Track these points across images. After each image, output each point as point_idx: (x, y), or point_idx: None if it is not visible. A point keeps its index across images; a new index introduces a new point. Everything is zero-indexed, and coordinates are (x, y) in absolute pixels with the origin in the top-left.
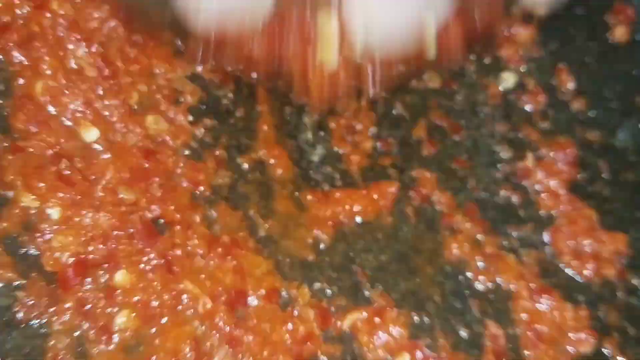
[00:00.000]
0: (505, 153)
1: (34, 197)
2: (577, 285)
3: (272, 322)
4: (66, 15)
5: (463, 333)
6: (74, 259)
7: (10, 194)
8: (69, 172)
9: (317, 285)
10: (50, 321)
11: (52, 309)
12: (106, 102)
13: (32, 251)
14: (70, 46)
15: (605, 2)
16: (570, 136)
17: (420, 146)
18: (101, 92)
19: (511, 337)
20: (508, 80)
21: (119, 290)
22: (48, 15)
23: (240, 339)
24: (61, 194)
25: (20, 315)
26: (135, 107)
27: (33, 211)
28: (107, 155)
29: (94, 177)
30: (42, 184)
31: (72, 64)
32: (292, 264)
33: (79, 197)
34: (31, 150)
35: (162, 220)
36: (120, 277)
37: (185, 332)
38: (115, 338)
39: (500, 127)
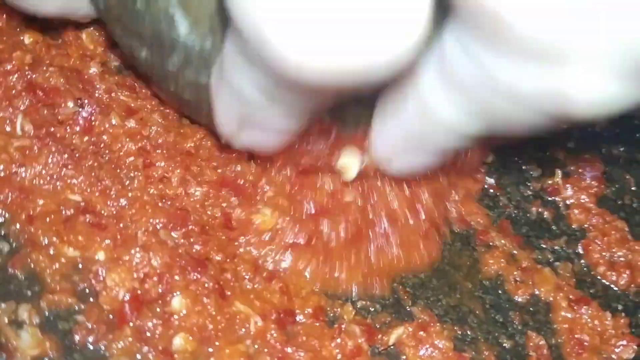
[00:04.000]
0: (534, 171)
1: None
2: (614, 294)
3: (321, 338)
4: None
5: (506, 345)
6: (129, 294)
7: (52, 251)
8: (96, 220)
9: (360, 303)
10: (110, 345)
11: (110, 336)
12: None
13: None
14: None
15: None
16: (595, 152)
17: None
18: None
19: (554, 347)
20: None
21: (175, 316)
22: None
23: (292, 356)
24: (99, 239)
25: (80, 338)
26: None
27: (79, 259)
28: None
29: (129, 222)
30: (77, 236)
31: None
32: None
33: (119, 237)
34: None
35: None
36: (177, 302)
37: (239, 351)
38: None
39: (527, 147)
